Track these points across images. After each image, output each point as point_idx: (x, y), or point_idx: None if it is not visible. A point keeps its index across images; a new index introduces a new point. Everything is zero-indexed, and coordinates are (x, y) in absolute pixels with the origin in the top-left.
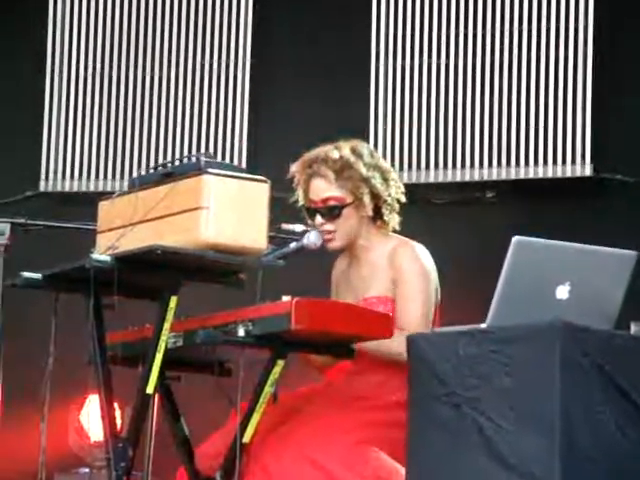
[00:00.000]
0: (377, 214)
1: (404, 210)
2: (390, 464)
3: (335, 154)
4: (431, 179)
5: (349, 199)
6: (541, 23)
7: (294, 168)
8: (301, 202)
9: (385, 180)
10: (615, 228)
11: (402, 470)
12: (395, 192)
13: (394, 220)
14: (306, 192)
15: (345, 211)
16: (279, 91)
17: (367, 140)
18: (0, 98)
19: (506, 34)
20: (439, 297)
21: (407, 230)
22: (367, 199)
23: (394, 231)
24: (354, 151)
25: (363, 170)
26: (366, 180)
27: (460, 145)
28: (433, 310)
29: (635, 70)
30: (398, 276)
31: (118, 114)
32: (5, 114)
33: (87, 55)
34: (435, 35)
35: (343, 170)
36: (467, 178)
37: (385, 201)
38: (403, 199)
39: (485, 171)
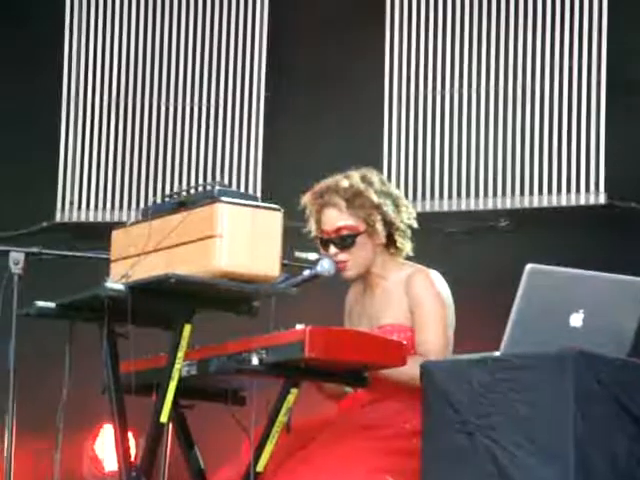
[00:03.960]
0: (390, 241)
1: (418, 239)
2: None
3: (345, 183)
4: (445, 208)
5: (362, 227)
6: (554, 56)
7: (305, 199)
8: (314, 233)
9: (396, 206)
10: (629, 256)
11: None
12: (407, 218)
13: (407, 246)
14: (318, 223)
15: (358, 239)
16: (293, 122)
17: (381, 170)
18: (16, 129)
19: (519, 65)
20: (454, 324)
21: (421, 259)
22: (380, 226)
23: (408, 259)
24: (364, 179)
25: (374, 197)
26: (378, 207)
27: (474, 174)
28: (452, 334)
29: None
30: (415, 303)
31: (133, 144)
32: (21, 146)
33: (102, 86)
34: (448, 65)
35: (354, 198)
36: (481, 207)
37: (398, 227)
38: (415, 224)
39: (499, 200)
